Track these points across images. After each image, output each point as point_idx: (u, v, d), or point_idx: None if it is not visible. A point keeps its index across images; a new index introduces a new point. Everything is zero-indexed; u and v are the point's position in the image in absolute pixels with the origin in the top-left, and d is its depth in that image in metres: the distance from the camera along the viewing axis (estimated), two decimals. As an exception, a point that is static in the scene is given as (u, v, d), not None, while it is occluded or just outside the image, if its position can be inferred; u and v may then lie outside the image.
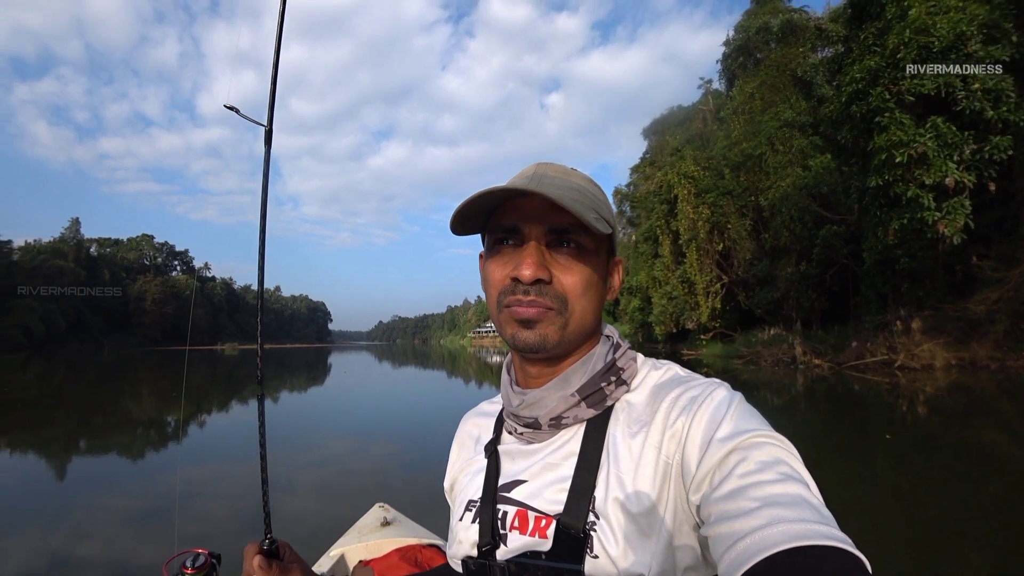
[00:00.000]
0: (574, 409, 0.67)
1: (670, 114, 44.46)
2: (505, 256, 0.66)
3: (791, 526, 0.43)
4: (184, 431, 9.00)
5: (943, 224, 13.04)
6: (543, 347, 0.64)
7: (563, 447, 0.67)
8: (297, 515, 4.68)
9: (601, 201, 0.69)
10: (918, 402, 10.37)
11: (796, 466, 0.51)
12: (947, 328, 14.57)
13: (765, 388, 13.79)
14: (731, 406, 0.58)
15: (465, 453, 0.83)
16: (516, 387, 0.73)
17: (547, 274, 0.63)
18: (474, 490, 0.75)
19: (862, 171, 15.42)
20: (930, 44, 13.05)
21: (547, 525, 0.63)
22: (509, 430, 0.75)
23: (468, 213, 0.65)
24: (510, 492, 0.69)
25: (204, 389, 16.69)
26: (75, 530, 4.31)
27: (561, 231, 0.64)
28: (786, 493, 0.47)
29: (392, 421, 10.33)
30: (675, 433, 0.60)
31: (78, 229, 77.18)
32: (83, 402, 14.05)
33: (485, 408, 0.86)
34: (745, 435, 0.53)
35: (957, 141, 13.00)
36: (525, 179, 0.66)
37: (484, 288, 0.71)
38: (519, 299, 0.64)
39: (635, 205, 40.83)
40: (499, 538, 0.67)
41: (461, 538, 0.72)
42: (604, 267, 0.70)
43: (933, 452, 6.60)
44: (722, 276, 26.68)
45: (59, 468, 6.74)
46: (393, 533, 2.05)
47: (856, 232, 18.44)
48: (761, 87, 25.20)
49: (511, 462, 0.72)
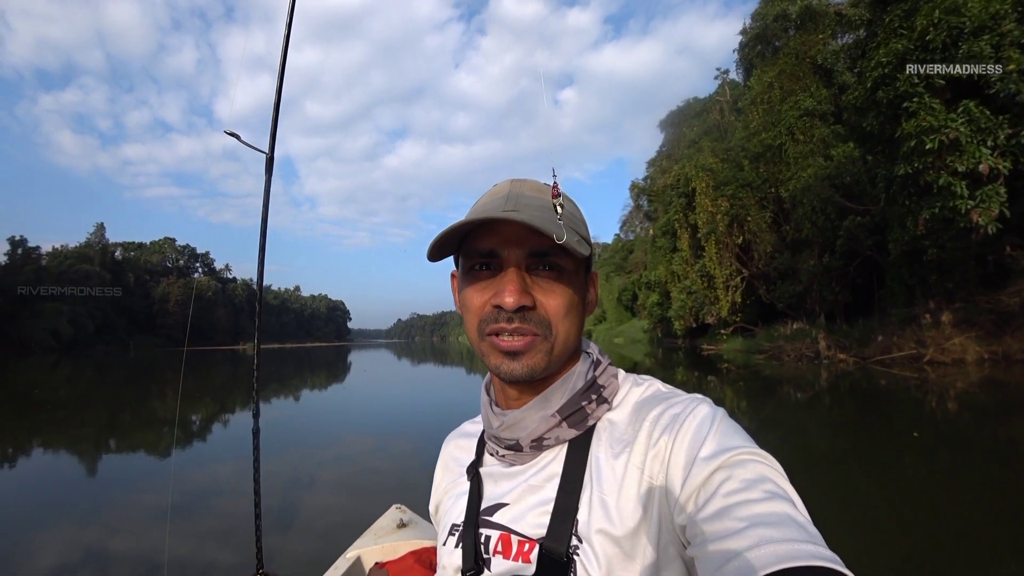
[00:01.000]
0: (555, 430, 0.66)
1: (686, 106, 43.84)
2: (484, 282, 0.65)
3: (779, 547, 0.43)
4: (186, 438, 9.06)
5: (977, 213, 12.45)
6: (531, 377, 0.64)
7: (545, 469, 0.66)
8: (316, 515, 4.72)
9: (579, 220, 0.69)
10: (948, 398, 10.11)
11: (782, 483, 0.51)
12: (979, 321, 14.07)
13: (788, 384, 13.59)
14: (714, 423, 0.58)
15: (449, 476, 0.82)
16: (496, 408, 0.72)
17: (530, 300, 0.62)
18: (457, 513, 0.74)
19: (889, 159, 14.85)
20: (961, 25, 12.48)
21: (530, 549, 0.62)
22: (491, 452, 0.74)
23: (445, 240, 0.63)
24: (493, 516, 0.68)
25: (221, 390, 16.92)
26: (70, 539, 4.32)
27: (541, 254, 0.63)
28: (772, 512, 0.46)
29: (411, 420, 10.34)
30: (658, 453, 0.59)
31: (103, 234, 79.12)
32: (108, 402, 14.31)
33: (467, 429, 0.85)
34: (729, 453, 0.53)
35: (991, 126, 12.40)
36: (501, 199, 0.64)
37: (461, 311, 0.70)
38: (503, 327, 0.62)
39: (652, 199, 40.42)
40: (482, 563, 0.66)
41: (445, 563, 0.71)
42: (583, 286, 0.69)
43: (963, 451, 6.42)
44: (742, 270, 26.25)
45: (74, 468, 6.83)
46: (409, 535, 2.06)
47: (881, 223, 17.92)
48: (780, 76, 24.62)
49: (493, 485, 0.71)
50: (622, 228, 69.62)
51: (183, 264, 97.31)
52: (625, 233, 68.69)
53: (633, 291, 53.69)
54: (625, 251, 64.53)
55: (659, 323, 37.33)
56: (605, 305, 65.66)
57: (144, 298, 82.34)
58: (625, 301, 59.07)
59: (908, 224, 14.34)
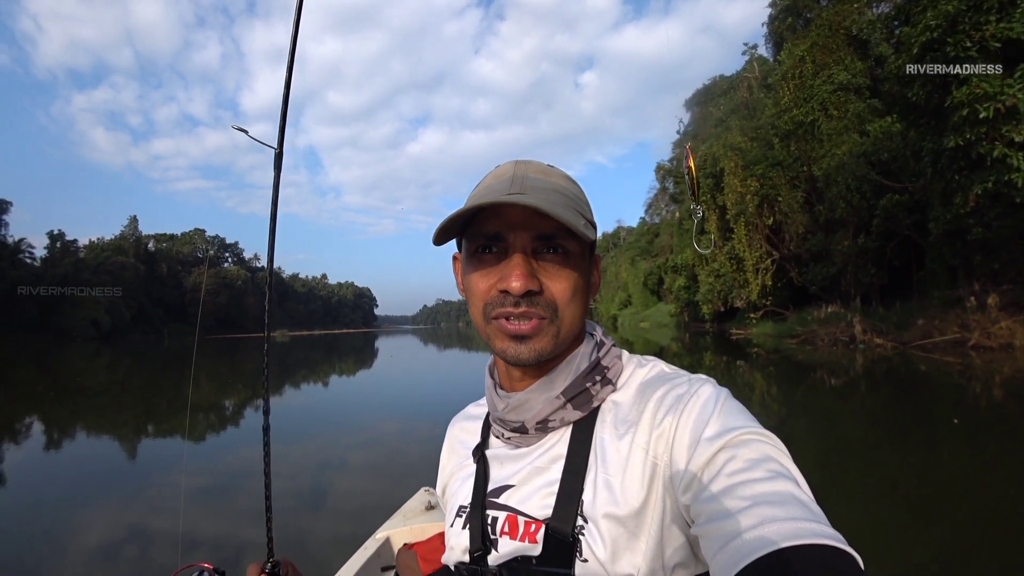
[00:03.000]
0: (560, 412, 0.67)
1: (713, 84, 42.49)
2: (489, 265, 0.65)
3: (783, 525, 0.43)
4: (209, 424, 9.27)
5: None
6: (538, 361, 0.64)
7: (550, 451, 0.67)
8: (347, 496, 4.82)
9: (584, 202, 0.68)
10: (993, 384, 9.76)
11: (785, 463, 0.51)
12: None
13: (822, 369, 13.28)
14: (718, 403, 0.58)
15: (455, 458, 0.83)
16: (500, 390, 0.72)
17: (537, 284, 0.62)
18: (464, 495, 0.74)
19: (936, 131, 13.96)
20: None
21: (536, 530, 0.63)
22: (496, 434, 0.74)
23: (450, 225, 0.62)
24: (499, 497, 0.69)
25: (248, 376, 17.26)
26: (76, 533, 4.40)
27: (547, 237, 0.63)
28: (776, 491, 0.47)
29: (438, 403, 10.44)
30: (662, 433, 0.59)
31: (136, 226, 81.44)
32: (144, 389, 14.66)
33: (472, 411, 0.86)
34: (733, 433, 0.53)
35: None
36: (505, 181, 0.64)
37: (465, 295, 0.69)
38: (510, 311, 0.63)
39: (679, 181, 39.62)
40: (490, 544, 0.67)
41: (453, 544, 0.72)
42: (588, 269, 0.69)
43: (1008, 439, 6.19)
44: (772, 252, 25.56)
45: (111, 451, 6.95)
46: (437, 517, 2.09)
47: (921, 201, 17.15)
48: (812, 49, 23.56)
49: (499, 467, 0.72)
50: (647, 211, 68.78)
51: (213, 254, 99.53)
52: (651, 216, 67.82)
53: (659, 275, 53.13)
54: (651, 235, 63.73)
55: (686, 307, 36.94)
56: (631, 289, 65.12)
57: (176, 288, 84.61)
58: (651, 285, 58.48)
59: (957, 200, 13.51)
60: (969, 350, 13.68)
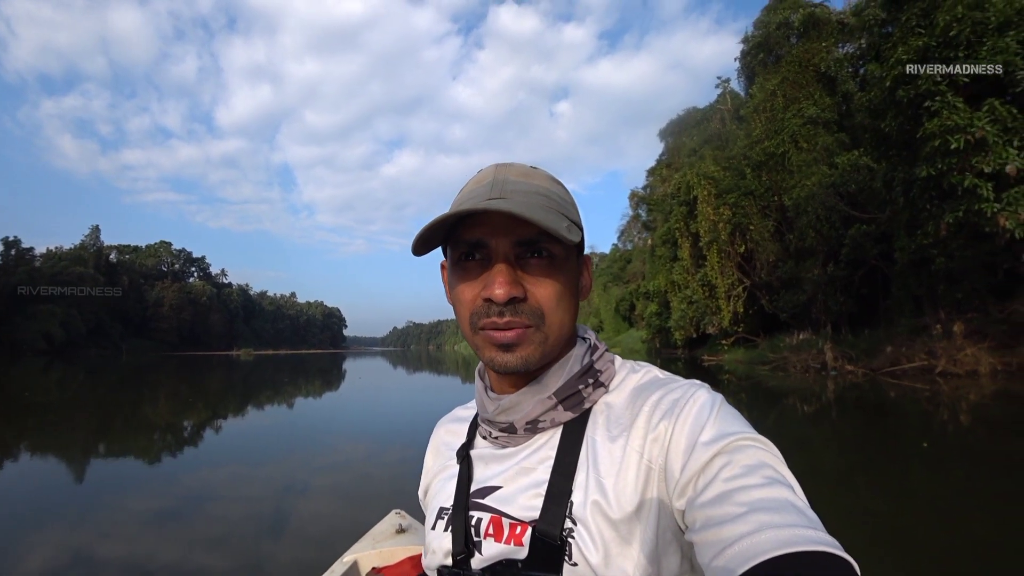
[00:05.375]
0: (551, 412, 0.65)
1: (686, 115, 43.70)
2: (472, 274, 0.63)
3: (780, 532, 0.43)
4: (171, 443, 8.79)
5: (1003, 216, 11.96)
6: (526, 369, 0.62)
7: (539, 451, 0.66)
8: (314, 519, 4.65)
9: (568, 203, 0.67)
10: (960, 410, 9.90)
11: (781, 469, 0.51)
12: (992, 331, 13.74)
13: (793, 395, 13.33)
14: (714, 409, 0.58)
15: (439, 460, 0.80)
16: (491, 392, 0.70)
17: (521, 291, 0.61)
18: (446, 496, 0.72)
19: (908, 162, 14.44)
20: (985, 21, 12.12)
21: (523, 532, 0.61)
22: (483, 434, 0.72)
23: (430, 234, 0.61)
24: (484, 498, 0.67)
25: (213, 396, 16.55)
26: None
27: (530, 242, 0.61)
28: (773, 497, 0.47)
29: (410, 426, 10.15)
30: (657, 437, 0.58)
31: (98, 236, 78.58)
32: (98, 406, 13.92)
33: (459, 413, 0.84)
34: (729, 438, 0.53)
35: (1017, 125, 12.01)
36: (486, 186, 0.63)
37: (452, 304, 0.68)
38: (494, 321, 0.61)
39: (652, 208, 40.26)
40: (473, 546, 0.65)
41: (435, 547, 0.69)
42: (576, 271, 0.68)
43: (976, 464, 6.28)
44: (744, 279, 25.96)
45: (60, 472, 6.52)
46: (407, 541, 2.02)
47: (887, 231, 17.69)
48: (783, 83, 24.40)
49: (484, 467, 0.70)
50: (620, 238, 69.60)
51: (178, 268, 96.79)
52: (623, 243, 68.64)
53: (631, 301, 53.51)
54: (623, 261, 64.44)
55: (657, 333, 37.15)
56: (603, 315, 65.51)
57: (138, 302, 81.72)
58: (623, 311, 58.85)
59: (929, 229, 13.87)
60: (936, 377, 13.92)
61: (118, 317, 76.75)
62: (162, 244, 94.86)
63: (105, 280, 72.71)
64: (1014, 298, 13.43)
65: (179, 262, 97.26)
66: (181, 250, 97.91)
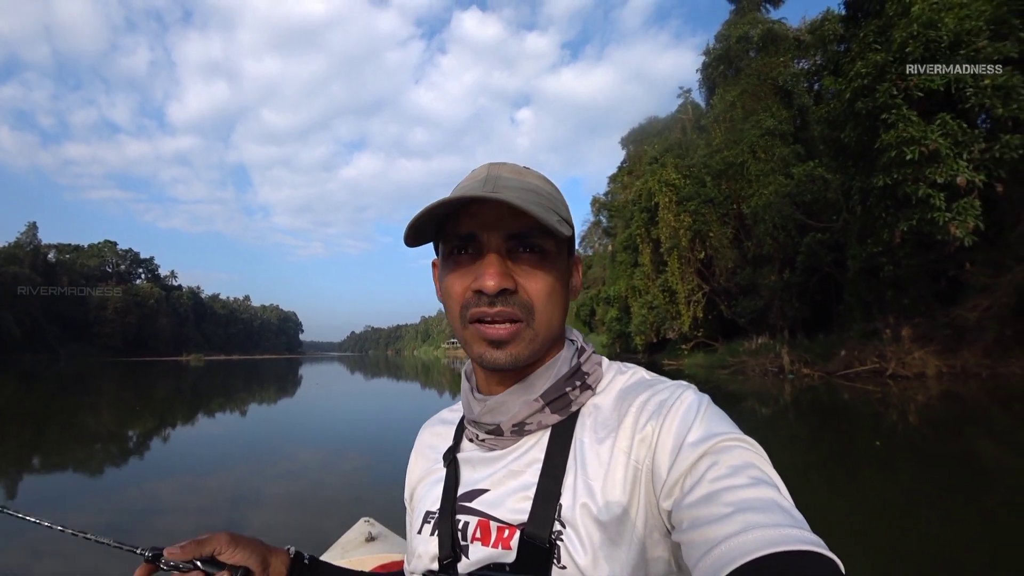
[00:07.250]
0: (538, 415, 0.65)
1: (648, 124, 44.56)
2: (464, 267, 0.63)
3: (766, 532, 0.43)
4: (114, 454, 8.22)
5: (954, 225, 12.66)
6: (515, 366, 0.62)
7: (527, 454, 0.65)
8: (275, 529, 4.49)
9: (559, 201, 0.67)
10: (909, 411, 10.27)
11: (766, 469, 0.51)
12: (937, 336, 14.44)
13: (752, 398, 13.61)
14: (700, 409, 0.58)
15: (424, 463, 0.79)
16: (478, 393, 0.70)
17: (511, 283, 0.61)
18: (432, 500, 0.71)
19: (865, 172, 15.09)
20: (938, 40, 12.78)
21: (511, 535, 0.61)
22: (470, 437, 0.71)
23: (421, 224, 0.62)
24: (471, 502, 0.66)
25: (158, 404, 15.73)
26: None
27: (521, 236, 0.62)
28: (758, 497, 0.47)
29: (375, 433, 9.94)
30: (644, 437, 0.58)
31: (35, 234, 74.00)
32: (25, 416, 13.01)
33: (445, 416, 0.82)
34: (716, 439, 0.53)
35: (967, 139, 12.71)
36: (479, 182, 0.63)
37: (443, 300, 0.68)
38: (485, 312, 0.61)
39: (613, 214, 40.78)
40: (460, 550, 0.64)
41: (420, 552, 0.68)
42: (566, 269, 0.68)
43: (923, 462, 6.52)
44: (703, 285, 26.54)
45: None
46: (378, 549, 1.98)
47: (840, 240, 18.39)
48: (742, 95, 25.24)
49: (471, 470, 0.69)
50: (581, 244, 70.31)
51: (124, 269, 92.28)
52: (584, 248, 69.35)
53: (591, 306, 53.96)
54: (584, 266, 64.97)
55: (618, 338, 37.48)
56: (564, 319, 65.78)
57: (79, 304, 77.31)
58: (583, 316, 59.30)
59: (884, 236, 14.52)
60: (887, 379, 14.50)
61: (56, 320, 72.40)
62: (106, 244, 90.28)
63: (43, 280, 68.57)
64: (957, 303, 14.10)
65: (125, 263, 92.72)
66: (128, 250, 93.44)
